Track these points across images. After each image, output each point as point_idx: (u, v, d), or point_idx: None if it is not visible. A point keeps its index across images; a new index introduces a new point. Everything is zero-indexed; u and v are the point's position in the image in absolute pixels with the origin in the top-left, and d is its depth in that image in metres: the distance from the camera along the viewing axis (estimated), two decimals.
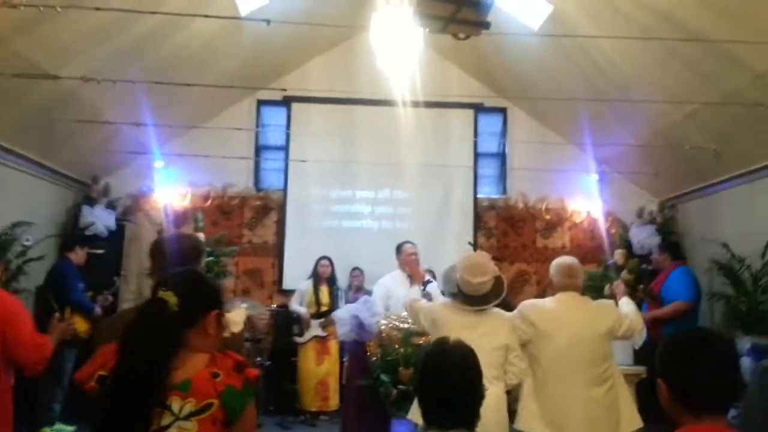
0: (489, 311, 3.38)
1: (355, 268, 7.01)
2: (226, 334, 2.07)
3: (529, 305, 3.50)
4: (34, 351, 3.05)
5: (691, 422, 1.49)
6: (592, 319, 3.37)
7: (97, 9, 4.06)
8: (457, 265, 3.45)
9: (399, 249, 5.68)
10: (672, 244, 6.46)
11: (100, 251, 6.54)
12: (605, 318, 3.39)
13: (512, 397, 3.42)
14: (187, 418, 1.57)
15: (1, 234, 5.45)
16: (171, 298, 1.63)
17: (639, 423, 3.41)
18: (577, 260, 3.59)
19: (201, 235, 6.11)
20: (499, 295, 3.40)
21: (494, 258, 3.63)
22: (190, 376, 1.61)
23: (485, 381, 2.97)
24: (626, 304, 3.63)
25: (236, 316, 2.30)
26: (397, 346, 4.52)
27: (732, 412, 1.63)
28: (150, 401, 1.55)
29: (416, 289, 5.41)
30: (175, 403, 1.58)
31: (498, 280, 3.42)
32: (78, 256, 5.90)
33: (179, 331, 1.64)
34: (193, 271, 1.85)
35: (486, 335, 3.22)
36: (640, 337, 3.48)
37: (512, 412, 3.42)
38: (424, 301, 3.61)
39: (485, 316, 3.35)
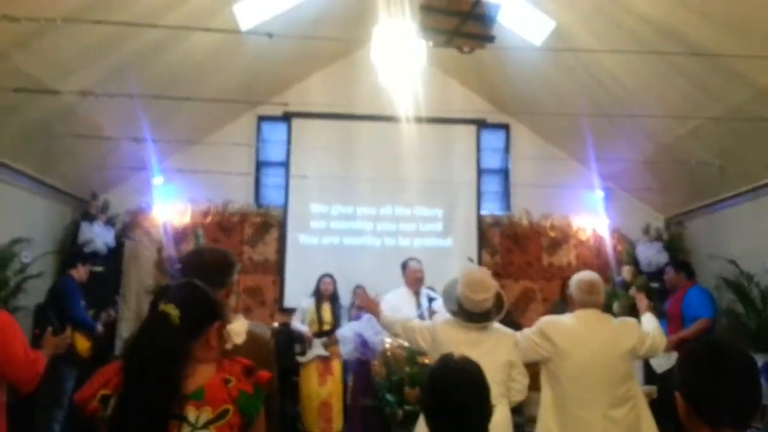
0: (490, 327, 3.34)
1: (358, 286, 6.90)
2: (228, 346, 2.01)
3: (547, 321, 3.42)
4: (28, 367, 2.97)
5: None
6: (613, 338, 3.28)
7: (97, 22, 4.04)
8: (457, 282, 3.38)
9: (404, 266, 5.63)
10: (685, 263, 6.39)
11: (100, 269, 6.46)
12: (627, 336, 3.31)
13: (526, 417, 3.35)
14: (205, 426, 1.55)
15: None
16: (173, 311, 1.60)
17: None
18: (598, 276, 3.49)
19: None
20: (500, 311, 3.34)
21: (495, 273, 3.57)
22: (202, 384, 1.60)
23: (491, 399, 2.92)
24: (649, 321, 3.54)
25: (238, 326, 2.25)
26: (402, 366, 4.44)
27: None
28: (165, 414, 1.52)
29: (412, 306, 5.36)
30: (191, 413, 1.56)
31: (498, 296, 3.37)
32: (80, 273, 5.81)
33: (184, 345, 1.61)
34: (192, 282, 1.79)
35: (489, 352, 3.15)
36: (663, 354, 3.41)
37: None
38: (417, 320, 3.53)
39: (487, 332, 3.30)
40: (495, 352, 3.21)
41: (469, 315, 3.29)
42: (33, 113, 5.10)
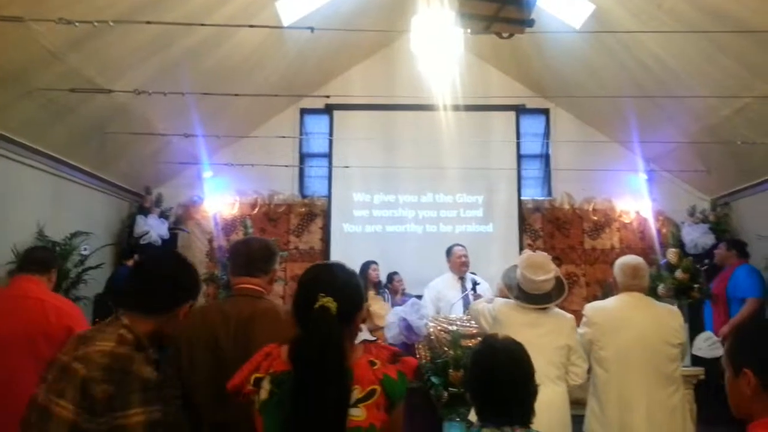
0: (551, 310, 3.36)
1: (395, 273, 6.97)
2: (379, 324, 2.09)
3: (591, 307, 3.46)
4: None
5: None
6: (657, 320, 3.28)
7: (148, 23, 4.20)
8: (517, 266, 3.44)
9: (449, 251, 5.71)
10: (738, 241, 6.27)
11: None
12: (671, 320, 3.31)
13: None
14: (355, 405, 1.59)
15: (60, 244, 5.64)
16: (332, 304, 1.63)
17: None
18: (642, 260, 3.49)
19: None
20: (561, 294, 3.37)
21: (554, 258, 3.61)
22: (350, 365, 1.64)
23: (548, 380, 2.98)
24: None
25: (380, 309, 2.28)
26: (446, 348, 4.53)
27: None
28: (344, 409, 1.57)
29: (457, 291, 5.43)
30: None
31: (559, 280, 3.40)
32: None
33: (342, 334, 1.65)
34: (342, 268, 1.82)
35: (548, 334, 3.20)
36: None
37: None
38: (483, 303, 3.60)
39: (547, 315, 3.32)
40: (554, 334, 3.24)
41: (530, 297, 3.33)
42: (88, 112, 5.33)
